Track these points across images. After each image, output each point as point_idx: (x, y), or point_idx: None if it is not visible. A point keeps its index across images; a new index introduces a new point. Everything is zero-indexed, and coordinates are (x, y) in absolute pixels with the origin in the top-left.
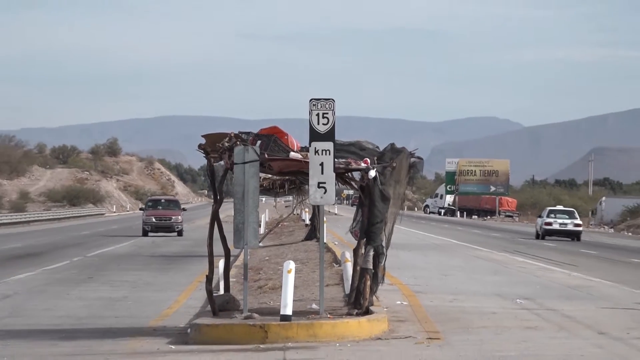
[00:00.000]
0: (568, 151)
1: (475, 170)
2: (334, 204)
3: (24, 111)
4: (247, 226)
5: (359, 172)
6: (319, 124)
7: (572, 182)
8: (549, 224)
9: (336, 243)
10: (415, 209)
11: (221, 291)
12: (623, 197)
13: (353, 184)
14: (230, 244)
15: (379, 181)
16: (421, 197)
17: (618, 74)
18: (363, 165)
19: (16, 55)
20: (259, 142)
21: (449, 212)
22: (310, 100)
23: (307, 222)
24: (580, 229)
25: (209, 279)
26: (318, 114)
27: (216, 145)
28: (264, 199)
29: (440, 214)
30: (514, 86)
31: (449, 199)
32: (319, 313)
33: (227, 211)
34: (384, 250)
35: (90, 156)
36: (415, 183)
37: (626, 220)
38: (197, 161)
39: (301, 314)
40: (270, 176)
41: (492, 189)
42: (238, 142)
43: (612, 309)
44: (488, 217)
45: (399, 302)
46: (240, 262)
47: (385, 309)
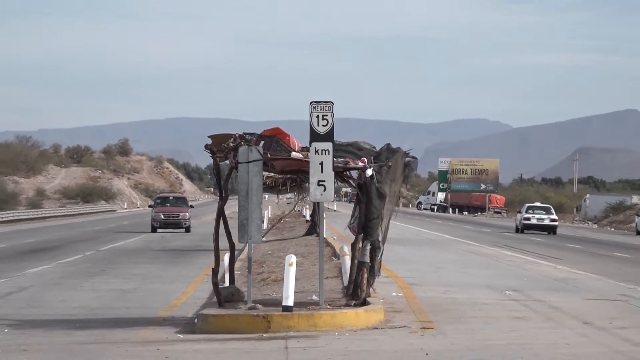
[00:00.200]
0: (554, 151)
1: (466, 169)
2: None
3: (40, 113)
4: (251, 222)
5: (356, 171)
6: (318, 125)
7: (558, 180)
8: (528, 219)
9: (335, 238)
10: (410, 205)
11: (226, 283)
12: (606, 194)
13: (351, 182)
14: (235, 238)
15: (376, 179)
16: (415, 195)
17: (602, 78)
18: (360, 164)
19: (33, 60)
20: (262, 142)
21: (440, 208)
22: (310, 103)
23: (308, 218)
24: (556, 223)
25: (214, 272)
26: (318, 116)
27: (222, 146)
28: (266, 196)
29: (433, 210)
30: (503, 89)
31: (441, 196)
32: (318, 304)
33: (232, 208)
34: (381, 244)
35: (103, 156)
36: (410, 181)
37: (609, 216)
38: (204, 160)
39: (302, 304)
40: (272, 175)
41: (483, 186)
42: (242, 143)
43: (596, 300)
44: (478, 213)
45: (394, 294)
46: (245, 256)
47: (381, 300)
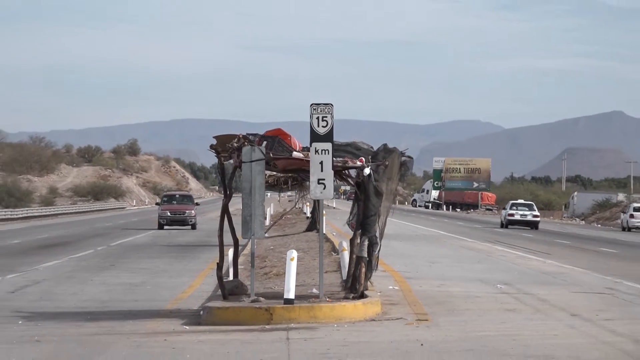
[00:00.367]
0: (543, 151)
1: (460, 168)
2: (333, 199)
3: (53, 115)
4: (254, 218)
5: (355, 170)
6: (318, 126)
7: (547, 178)
8: (512, 215)
9: (334, 234)
10: (406, 203)
11: (230, 277)
12: (593, 192)
13: (350, 180)
14: (238, 234)
15: (373, 178)
16: (411, 193)
17: (589, 81)
18: (359, 163)
19: (47, 65)
20: (264, 142)
21: (434, 205)
22: (311, 105)
23: (308, 215)
24: (538, 219)
25: (219, 266)
26: (318, 117)
27: (226, 146)
28: (269, 194)
29: (428, 207)
30: (495, 92)
31: (435, 194)
32: (318, 297)
33: (236, 205)
34: (378, 240)
35: (113, 155)
36: (406, 180)
37: (596, 213)
38: (209, 160)
39: (303, 297)
40: (274, 173)
41: (475, 185)
42: (246, 143)
43: (583, 293)
44: (471, 210)
45: (391, 287)
46: (248, 251)
47: (378, 294)
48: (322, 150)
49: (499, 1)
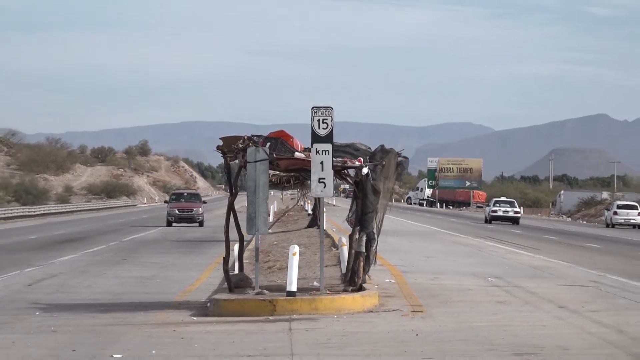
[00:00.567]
0: (532, 152)
1: (453, 168)
2: (333, 197)
3: (68, 117)
4: (258, 215)
5: (353, 169)
6: (319, 128)
7: (535, 178)
8: (495, 211)
9: (334, 230)
10: (402, 200)
11: (236, 271)
12: (578, 190)
13: (349, 179)
14: (243, 230)
15: (371, 177)
16: (407, 191)
17: (574, 86)
18: (357, 163)
19: (63, 70)
20: (268, 143)
21: (428, 203)
22: (312, 108)
23: (309, 212)
24: (519, 215)
25: (225, 260)
26: (319, 120)
27: (232, 147)
28: (272, 192)
29: (422, 205)
30: (486, 96)
31: (428, 191)
32: (319, 289)
33: (241, 203)
34: (375, 236)
35: (125, 156)
36: (402, 179)
37: (581, 210)
38: (216, 160)
39: (304, 290)
40: (277, 173)
41: (467, 183)
42: (250, 144)
43: (570, 286)
44: (463, 207)
45: (387, 281)
46: (253, 246)
47: (376, 286)
48: (322, 151)
49: (490, 10)
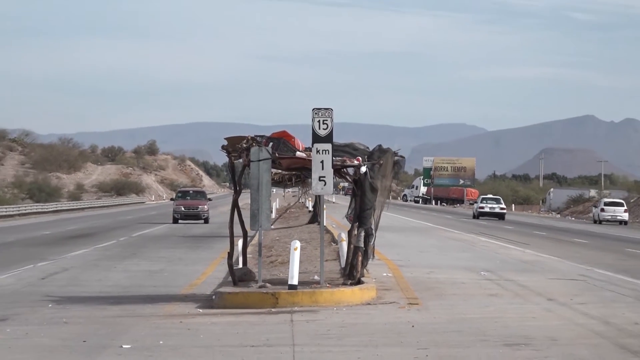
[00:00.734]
0: (523, 151)
1: (447, 167)
2: (332, 194)
3: (80, 118)
4: (261, 212)
5: (352, 168)
6: (320, 128)
7: (526, 176)
8: (482, 207)
9: (334, 226)
10: (399, 198)
11: (240, 265)
12: (567, 188)
13: (348, 177)
14: (247, 227)
15: (369, 175)
16: (403, 189)
17: (564, 88)
18: (356, 162)
19: (76, 72)
20: (270, 143)
21: (423, 200)
22: (312, 110)
23: (310, 209)
24: (504, 211)
25: (229, 255)
26: (319, 121)
27: (236, 146)
28: (274, 190)
29: (417, 202)
30: (480, 98)
31: (424, 189)
32: (319, 283)
33: (245, 200)
34: (373, 231)
35: (134, 155)
36: (399, 177)
37: (570, 207)
38: (221, 159)
39: (305, 283)
40: (280, 171)
41: (461, 182)
42: (254, 144)
43: (559, 279)
44: (457, 205)
45: (385, 274)
46: (256, 242)
47: (373, 280)
48: (322, 151)
49: (482, 16)
